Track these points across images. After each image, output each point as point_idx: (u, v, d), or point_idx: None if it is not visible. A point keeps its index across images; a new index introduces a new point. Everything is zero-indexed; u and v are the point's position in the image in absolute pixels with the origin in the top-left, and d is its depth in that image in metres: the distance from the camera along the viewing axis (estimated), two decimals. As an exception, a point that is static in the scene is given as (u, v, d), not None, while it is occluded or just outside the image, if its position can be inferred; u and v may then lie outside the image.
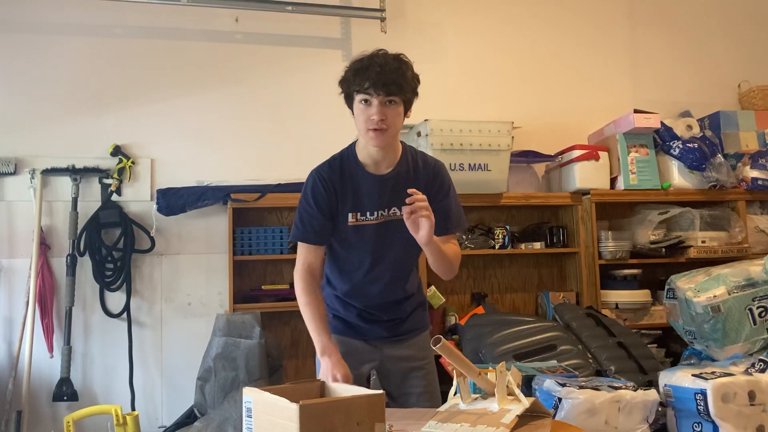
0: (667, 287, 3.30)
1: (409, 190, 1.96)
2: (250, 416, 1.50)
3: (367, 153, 2.14)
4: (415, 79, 2.09)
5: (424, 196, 1.97)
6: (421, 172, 2.21)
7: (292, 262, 3.61)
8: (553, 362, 3.06)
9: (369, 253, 2.21)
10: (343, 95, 2.12)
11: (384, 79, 1.98)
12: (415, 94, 2.11)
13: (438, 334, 2.42)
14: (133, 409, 3.41)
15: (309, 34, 3.96)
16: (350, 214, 2.17)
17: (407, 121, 3.74)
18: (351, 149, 2.20)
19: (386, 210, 2.18)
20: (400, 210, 2.15)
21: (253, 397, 1.50)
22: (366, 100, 2.02)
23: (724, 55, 4.54)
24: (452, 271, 2.20)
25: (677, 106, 4.33)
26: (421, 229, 1.98)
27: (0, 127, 3.52)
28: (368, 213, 2.18)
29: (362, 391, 1.52)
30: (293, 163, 3.74)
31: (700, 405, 2.61)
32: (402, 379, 2.31)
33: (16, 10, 3.58)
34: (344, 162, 2.19)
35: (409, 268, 2.33)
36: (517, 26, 4.25)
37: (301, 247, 2.22)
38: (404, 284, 2.31)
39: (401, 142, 2.23)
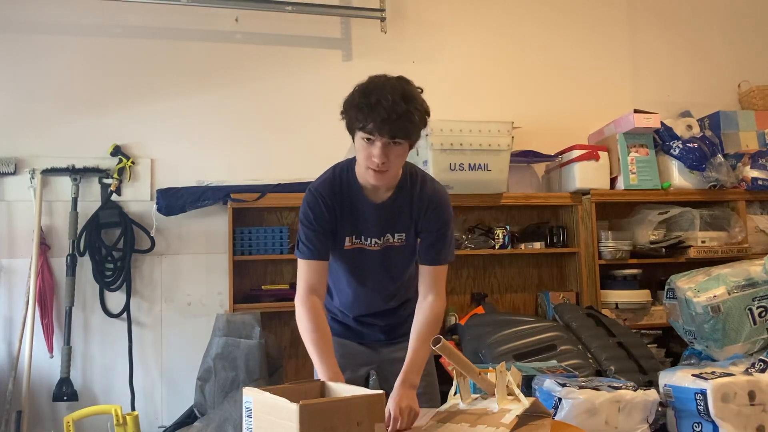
0: (667, 287, 3.30)
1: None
2: (250, 416, 1.50)
3: (365, 178, 2.04)
4: (424, 117, 1.95)
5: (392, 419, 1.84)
6: (416, 197, 2.11)
7: (293, 262, 3.66)
8: (553, 362, 3.06)
9: (364, 275, 2.18)
10: (344, 120, 2.00)
11: (390, 125, 1.85)
12: (423, 127, 1.99)
13: (438, 334, 2.42)
14: (133, 409, 3.41)
15: (309, 34, 3.95)
16: (347, 238, 2.11)
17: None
18: (350, 169, 2.11)
19: (382, 237, 2.12)
20: (394, 237, 2.11)
21: (253, 397, 1.50)
22: (368, 139, 1.91)
23: (724, 55, 4.54)
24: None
25: (677, 106, 4.33)
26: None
27: (0, 127, 3.52)
28: (363, 237, 2.11)
29: (362, 391, 1.52)
30: (293, 163, 3.74)
31: (700, 405, 2.61)
32: (401, 381, 2.30)
33: (16, 10, 3.58)
34: (343, 184, 2.10)
35: (404, 282, 2.28)
36: (517, 26, 4.25)
37: (305, 266, 2.09)
38: (400, 295, 2.28)
39: None
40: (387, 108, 1.83)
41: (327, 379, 1.87)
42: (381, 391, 1.45)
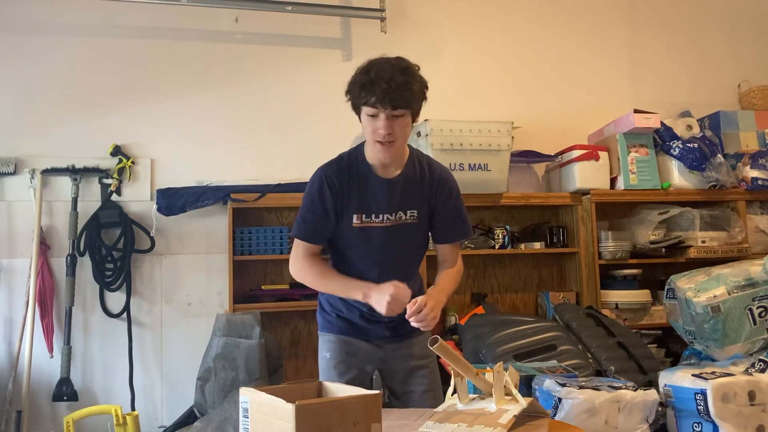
0: (667, 287, 3.30)
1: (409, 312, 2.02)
2: (246, 416, 1.50)
3: (374, 156, 2.15)
4: (423, 89, 2.09)
5: (425, 309, 2.03)
6: (427, 178, 2.23)
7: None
8: (553, 362, 3.06)
9: (374, 255, 2.21)
10: (350, 103, 2.11)
11: (391, 95, 1.98)
12: (424, 100, 2.12)
13: (438, 334, 2.43)
14: (133, 409, 3.41)
15: (309, 34, 3.96)
16: (355, 216, 2.17)
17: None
18: (359, 150, 2.20)
19: (394, 214, 2.19)
20: (406, 214, 2.19)
21: (249, 397, 1.50)
22: (373, 114, 2.03)
23: (724, 55, 4.54)
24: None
25: (677, 106, 4.33)
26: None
27: (0, 127, 3.52)
28: (373, 215, 2.18)
29: (358, 391, 1.52)
30: (293, 163, 3.74)
31: (700, 405, 2.61)
32: (405, 378, 2.31)
33: (16, 10, 3.59)
34: (352, 162, 2.19)
35: (413, 269, 2.35)
36: (517, 26, 4.25)
37: (300, 245, 2.24)
38: (409, 283, 2.30)
39: (407, 144, 2.24)
40: (386, 80, 1.97)
41: (363, 288, 2.11)
42: (377, 391, 1.45)
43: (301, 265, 2.21)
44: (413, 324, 2.02)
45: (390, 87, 1.97)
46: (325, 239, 2.24)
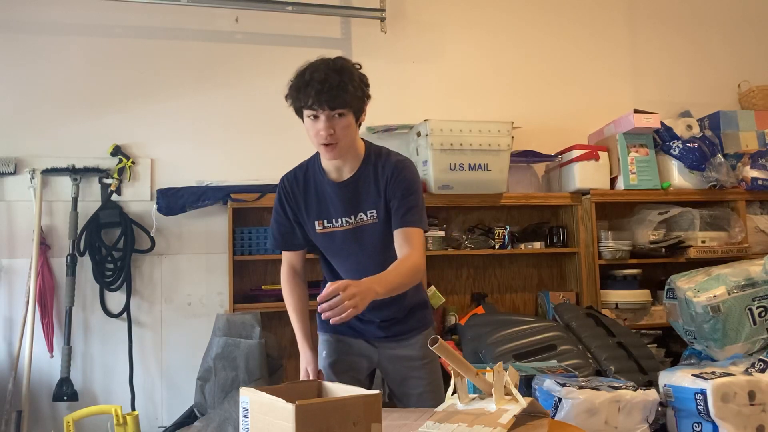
0: (667, 287, 3.30)
1: (318, 298, 1.79)
2: (246, 416, 1.50)
3: (324, 157, 2.14)
4: (362, 87, 2.04)
5: (342, 293, 1.77)
6: (381, 171, 2.15)
7: (292, 262, 3.65)
8: (553, 362, 3.06)
9: (346, 258, 2.22)
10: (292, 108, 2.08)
11: (326, 96, 1.95)
12: (365, 99, 2.07)
13: (438, 334, 2.43)
14: (133, 409, 3.41)
15: (309, 34, 3.96)
16: (317, 222, 2.19)
17: (407, 121, 3.76)
18: (317, 155, 2.20)
19: (353, 216, 2.16)
20: (367, 215, 2.16)
21: (249, 397, 1.50)
22: (313, 116, 2.01)
23: (724, 55, 4.54)
24: (410, 285, 2.10)
25: (677, 106, 4.33)
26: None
27: (0, 127, 3.52)
28: (334, 220, 2.18)
29: (358, 391, 1.52)
30: (293, 163, 3.65)
31: (700, 405, 2.61)
32: (402, 380, 2.30)
33: (16, 11, 3.58)
34: (309, 169, 2.22)
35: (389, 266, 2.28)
36: (517, 26, 4.25)
37: (283, 254, 2.34)
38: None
39: (366, 141, 2.21)
40: (320, 81, 1.95)
41: (299, 347, 2.24)
42: (377, 391, 1.45)
43: (283, 283, 2.32)
44: (321, 312, 1.78)
45: (324, 88, 1.95)
46: (297, 246, 2.29)
